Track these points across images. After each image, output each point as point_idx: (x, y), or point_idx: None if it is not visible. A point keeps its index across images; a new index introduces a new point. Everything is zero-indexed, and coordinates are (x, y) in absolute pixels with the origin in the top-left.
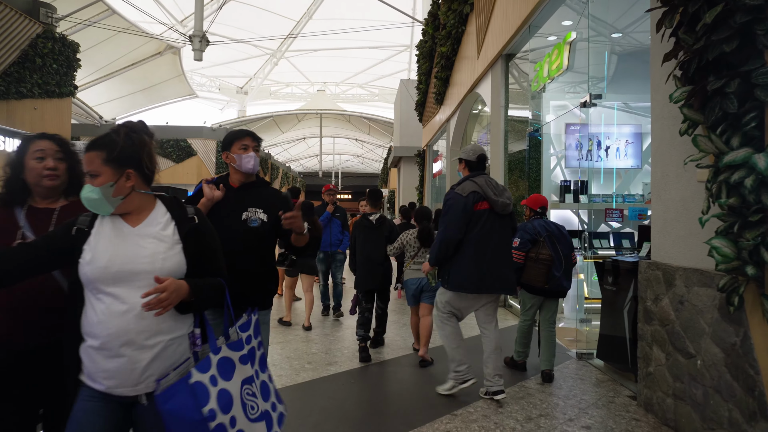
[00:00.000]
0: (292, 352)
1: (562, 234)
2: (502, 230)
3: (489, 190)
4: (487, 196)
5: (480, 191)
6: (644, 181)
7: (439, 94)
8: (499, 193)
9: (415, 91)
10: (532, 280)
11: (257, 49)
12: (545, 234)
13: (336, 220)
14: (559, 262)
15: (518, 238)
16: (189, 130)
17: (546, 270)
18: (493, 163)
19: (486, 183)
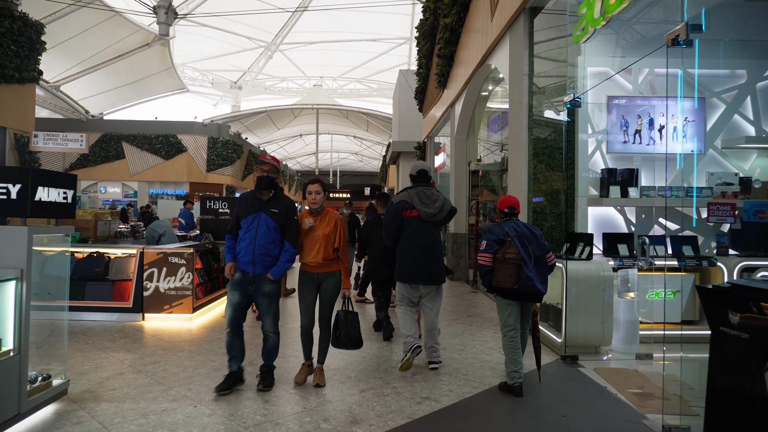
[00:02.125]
0: None
1: (533, 234)
2: (430, 231)
3: (417, 200)
4: (414, 206)
5: (408, 201)
6: (709, 170)
7: (442, 75)
8: (429, 203)
9: (414, 83)
10: (502, 281)
11: (251, 41)
12: (513, 234)
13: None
14: (529, 261)
15: (484, 240)
16: (179, 126)
17: (515, 269)
18: (513, 150)
19: (416, 194)
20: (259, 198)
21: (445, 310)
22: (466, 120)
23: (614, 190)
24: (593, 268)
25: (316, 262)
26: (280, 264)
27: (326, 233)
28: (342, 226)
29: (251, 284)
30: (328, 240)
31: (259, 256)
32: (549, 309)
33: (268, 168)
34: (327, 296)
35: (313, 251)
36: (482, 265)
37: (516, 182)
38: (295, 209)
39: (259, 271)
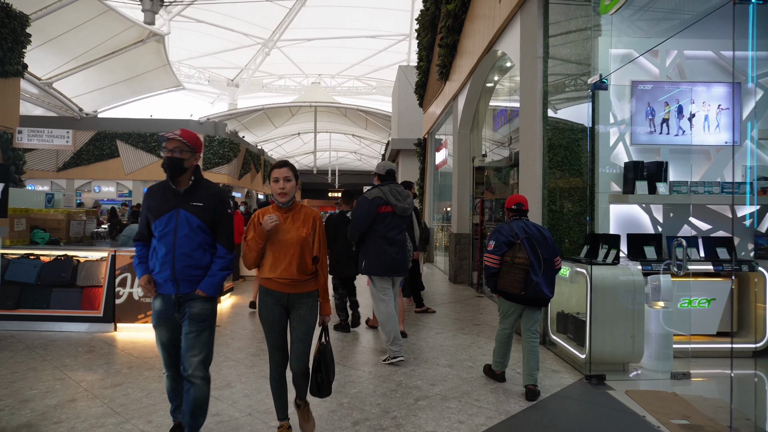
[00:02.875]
0: None
1: (543, 237)
2: (401, 227)
3: (391, 197)
4: (389, 202)
5: (383, 197)
6: (744, 163)
7: (444, 67)
8: (402, 199)
9: (414, 79)
10: (508, 286)
11: (248, 38)
12: (523, 236)
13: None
14: (539, 267)
15: (493, 240)
16: (174, 124)
17: (523, 275)
18: (525, 142)
19: (389, 191)
20: (174, 190)
21: (449, 318)
22: (469, 113)
23: (641, 186)
24: (621, 273)
25: (286, 278)
26: (213, 275)
27: (301, 236)
28: (322, 227)
29: (177, 310)
30: (304, 246)
31: (182, 268)
32: (568, 320)
33: (176, 146)
34: (303, 328)
35: (282, 263)
36: (489, 266)
37: (528, 178)
38: (226, 199)
39: (184, 290)
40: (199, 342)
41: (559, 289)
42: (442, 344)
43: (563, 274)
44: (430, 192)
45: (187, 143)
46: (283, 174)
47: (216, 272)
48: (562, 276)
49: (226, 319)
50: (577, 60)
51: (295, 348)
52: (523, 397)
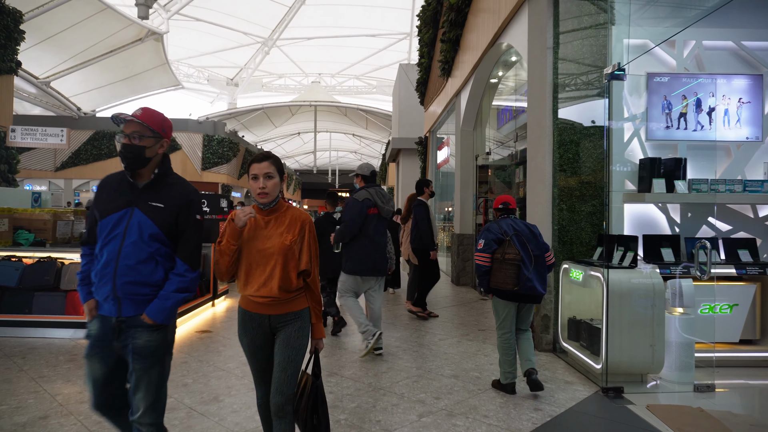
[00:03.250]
0: None
1: (532, 233)
2: (384, 228)
3: (378, 199)
4: (376, 204)
5: (371, 199)
6: (767, 160)
7: (446, 62)
8: (386, 201)
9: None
10: (500, 282)
11: (247, 36)
12: (512, 233)
13: None
14: (529, 262)
15: (482, 239)
16: (173, 123)
17: (515, 271)
18: (533, 138)
19: (376, 193)
20: (130, 183)
21: (452, 322)
22: (472, 110)
23: (658, 184)
24: (639, 277)
25: (265, 296)
26: (166, 297)
27: (285, 245)
28: (312, 233)
29: (116, 338)
30: (288, 257)
31: (125, 285)
32: (581, 326)
33: (134, 130)
34: (286, 353)
35: (260, 277)
36: (480, 265)
37: (536, 176)
38: (196, 202)
39: (127, 313)
40: (144, 382)
41: (571, 293)
42: (446, 352)
43: (576, 278)
44: None
45: (149, 127)
46: (264, 170)
47: (170, 294)
48: (575, 280)
49: (219, 324)
50: (590, 51)
51: (275, 377)
52: (536, 411)
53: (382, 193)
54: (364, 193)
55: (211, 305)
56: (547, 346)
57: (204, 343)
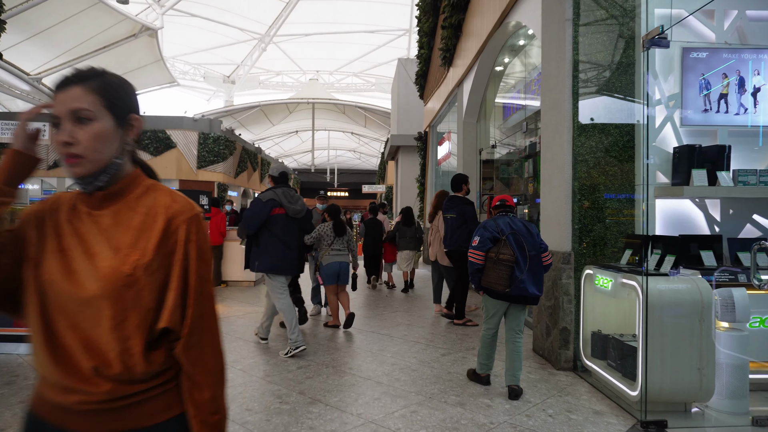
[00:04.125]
0: None
1: (530, 233)
2: (294, 228)
3: (284, 199)
4: (282, 204)
5: (276, 199)
6: None
7: (448, 50)
8: (294, 201)
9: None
10: (492, 282)
11: (244, 33)
12: (509, 232)
13: None
14: (524, 263)
15: (477, 236)
16: (168, 121)
17: (508, 272)
18: (549, 125)
19: (283, 193)
20: None
21: (456, 334)
22: (476, 101)
23: (699, 175)
24: (685, 287)
25: (75, 389)
26: None
27: (120, 273)
28: (199, 245)
29: None
30: (129, 300)
31: None
32: (609, 343)
33: None
34: None
35: (68, 350)
36: (473, 262)
37: (553, 168)
38: None
39: None
40: None
41: (596, 303)
42: (450, 371)
43: (603, 286)
44: (432, 189)
45: None
46: (71, 104)
47: None
48: (602, 288)
49: None
50: (618, 21)
51: None
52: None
53: (290, 194)
54: (270, 193)
55: None
56: (567, 364)
57: None
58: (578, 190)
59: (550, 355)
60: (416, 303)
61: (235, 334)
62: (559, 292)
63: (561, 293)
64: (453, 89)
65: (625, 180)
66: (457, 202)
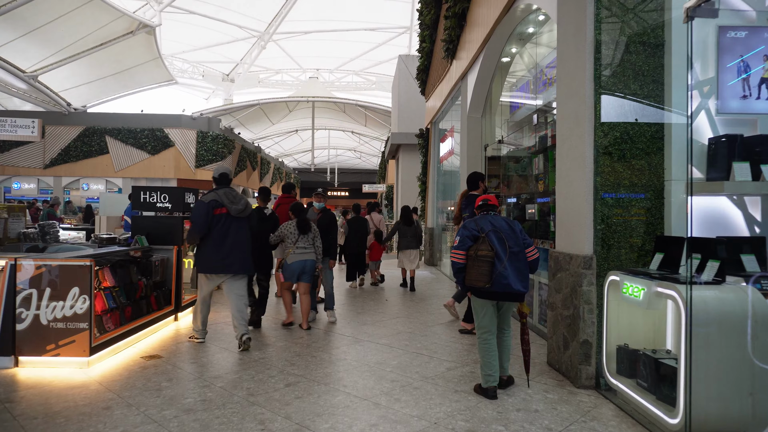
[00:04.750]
0: None
1: (512, 229)
2: (241, 227)
3: (225, 199)
4: (224, 204)
5: (218, 199)
6: None
7: (451, 42)
8: (236, 201)
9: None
10: (474, 279)
11: (243, 30)
12: (489, 229)
13: None
14: (505, 257)
15: (458, 236)
16: (166, 119)
17: (488, 267)
18: (566, 115)
19: (224, 194)
20: None
21: (462, 343)
22: (481, 94)
23: (741, 169)
24: (733, 298)
25: None
26: None
27: None
28: None
29: None
30: None
31: None
32: (640, 360)
33: None
34: None
35: None
36: (455, 262)
37: (571, 162)
38: None
39: None
40: None
41: (621, 314)
42: (457, 389)
43: (633, 295)
44: (434, 187)
45: None
46: None
47: None
48: (631, 297)
49: (174, 346)
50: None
51: None
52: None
53: (232, 194)
54: (212, 194)
55: (174, 320)
56: (588, 381)
57: (144, 376)
58: (600, 187)
59: (569, 370)
60: (418, 308)
61: (220, 344)
62: (579, 301)
63: (581, 302)
64: (456, 83)
65: (654, 175)
66: (472, 201)
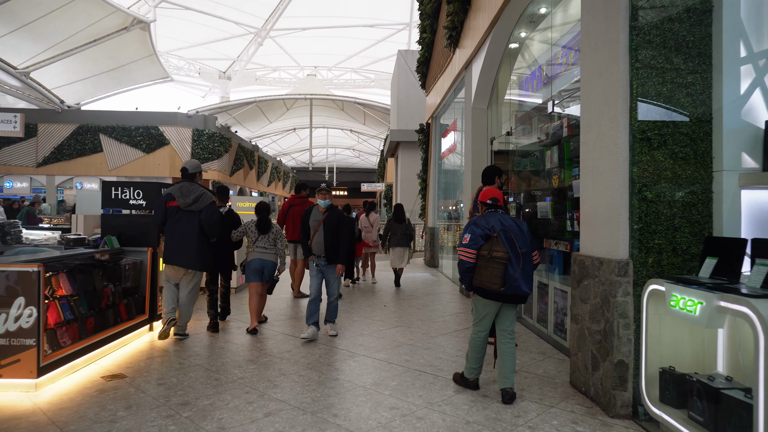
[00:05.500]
0: None
1: (521, 230)
2: (189, 220)
3: (178, 193)
4: (176, 197)
5: (172, 193)
6: None
7: (454, 29)
8: (185, 195)
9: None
10: (486, 282)
11: (239, 26)
12: (500, 229)
13: None
14: (517, 262)
15: (468, 233)
16: (161, 117)
17: (502, 270)
18: (594, 95)
19: (179, 188)
20: None
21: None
22: (487, 83)
23: None
24: None
25: None
26: None
27: None
28: None
29: None
30: None
31: None
32: (692, 388)
33: None
34: None
35: None
36: (464, 261)
37: (600, 149)
38: None
39: None
40: None
41: (664, 332)
42: (468, 419)
43: (687, 310)
44: (434, 185)
45: None
46: None
47: None
48: (688, 314)
49: (144, 362)
50: None
51: None
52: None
53: (187, 188)
54: (171, 189)
55: (149, 329)
56: (624, 409)
57: (100, 402)
58: (638, 178)
59: (600, 395)
60: (420, 315)
61: (195, 360)
62: (613, 314)
63: (615, 315)
64: (460, 72)
65: (700, 164)
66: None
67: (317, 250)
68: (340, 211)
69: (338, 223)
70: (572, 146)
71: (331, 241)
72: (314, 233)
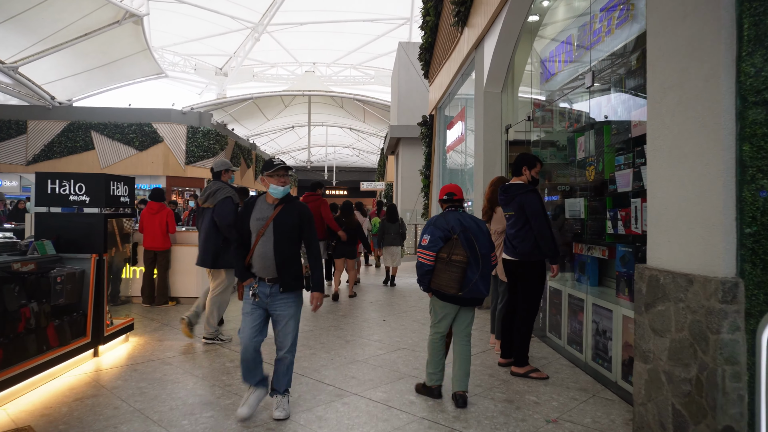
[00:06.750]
0: None
1: (481, 230)
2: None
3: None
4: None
5: None
6: None
7: (462, 3)
8: (203, 193)
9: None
10: (444, 285)
11: (236, 21)
12: (460, 229)
13: None
14: (476, 265)
15: (427, 234)
16: (154, 113)
17: (460, 274)
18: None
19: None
20: None
21: (474, 372)
22: (501, 64)
23: None
24: None
25: None
26: None
27: None
28: None
29: None
30: None
31: None
32: None
33: None
34: None
35: None
36: (423, 263)
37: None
38: None
39: None
40: None
41: None
42: None
43: None
44: (438, 181)
45: None
46: None
47: None
48: None
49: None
50: None
51: None
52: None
53: (209, 186)
54: None
55: (93, 355)
56: None
57: None
58: (750, 161)
59: None
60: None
61: (136, 401)
62: (713, 357)
63: (717, 359)
64: (469, 53)
65: None
66: (513, 193)
67: (261, 269)
68: (302, 205)
69: (300, 224)
70: (614, 129)
71: (287, 255)
72: (256, 240)
